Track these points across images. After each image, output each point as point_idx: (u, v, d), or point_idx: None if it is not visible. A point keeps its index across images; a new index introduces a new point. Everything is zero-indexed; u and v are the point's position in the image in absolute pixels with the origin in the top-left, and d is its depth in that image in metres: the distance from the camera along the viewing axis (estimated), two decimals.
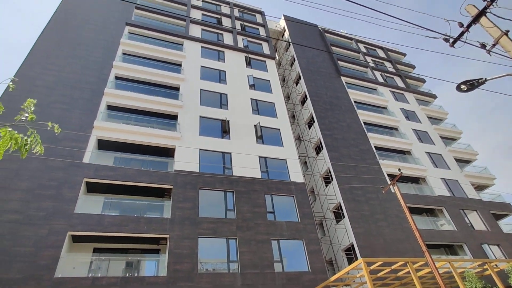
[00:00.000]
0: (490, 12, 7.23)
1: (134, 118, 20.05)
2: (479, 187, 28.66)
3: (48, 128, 3.73)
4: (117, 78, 21.65)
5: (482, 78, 6.84)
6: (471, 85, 6.87)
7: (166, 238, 15.30)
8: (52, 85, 18.83)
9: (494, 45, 7.08)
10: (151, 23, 27.18)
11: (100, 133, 17.72)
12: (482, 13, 7.33)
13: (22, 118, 3.52)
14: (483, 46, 7.26)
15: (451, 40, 7.77)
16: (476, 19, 7.43)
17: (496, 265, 16.81)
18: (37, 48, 20.41)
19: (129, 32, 25.30)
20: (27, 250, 12.58)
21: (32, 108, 3.55)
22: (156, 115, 20.68)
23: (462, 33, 7.64)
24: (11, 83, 3.73)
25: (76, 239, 14.47)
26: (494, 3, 7.09)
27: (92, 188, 16.33)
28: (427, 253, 12.04)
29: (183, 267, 14.22)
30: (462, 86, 7.10)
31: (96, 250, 15.23)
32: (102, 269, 14.59)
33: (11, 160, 14.58)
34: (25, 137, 3.44)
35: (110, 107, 19.88)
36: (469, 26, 7.53)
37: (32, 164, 15.02)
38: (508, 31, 6.93)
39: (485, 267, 15.58)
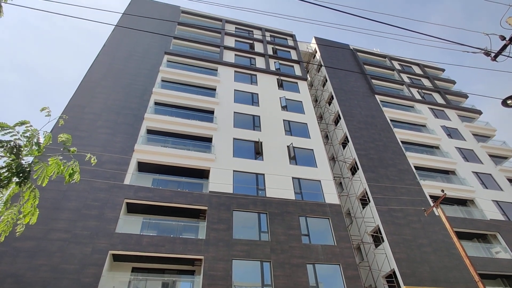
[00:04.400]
0: None
1: (171, 141, 20.97)
2: None
3: (86, 159, 4.18)
4: (156, 103, 22.98)
5: None
6: None
7: (200, 260, 15.41)
8: (99, 112, 20.40)
9: None
10: (187, 51, 28.83)
11: (140, 156, 18.69)
12: None
13: (68, 149, 3.98)
14: None
15: (493, 54, 7.42)
16: None
17: None
18: (87, 79, 22.40)
19: (167, 61, 26.99)
20: (73, 268, 13.28)
21: (70, 143, 4.03)
22: (192, 137, 21.49)
23: (505, 46, 7.28)
24: (61, 119, 4.24)
25: (116, 258, 15.05)
26: None
27: (132, 209, 17.07)
28: (481, 284, 10.96)
29: None
30: (509, 101, 6.68)
31: (134, 270, 15.67)
32: None
33: (60, 182, 15.77)
34: (68, 165, 3.91)
35: (149, 131, 21.01)
36: (511, 38, 7.17)
37: (78, 185, 16.11)
38: None
39: None
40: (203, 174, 19.74)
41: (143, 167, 19.01)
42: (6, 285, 12.20)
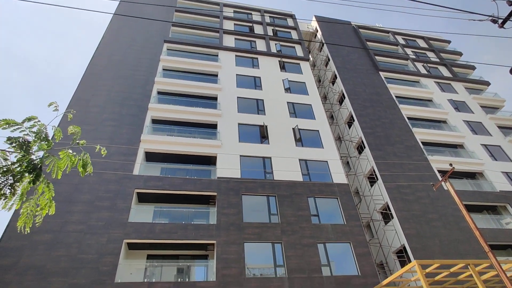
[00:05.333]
0: None
1: (177, 129, 21.06)
2: None
3: (96, 151, 4.24)
4: (159, 93, 22.95)
5: None
6: None
7: (213, 244, 15.74)
8: (103, 104, 20.48)
9: None
10: (187, 38, 28.48)
11: (146, 145, 18.85)
12: None
13: (77, 141, 4.03)
14: None
15: (500, 21, 7.19)
16: None
17: None
18: (89, 72, 22.38)
19: (167, 49, 26.74)
20: (91, 257, 13.71)
21: (80, 135, 4.08)
22: (197, 125, 21.54)
23: None
24: (70, 113, 4.28)
25: (131, 246, 15.46)
26: None
27: (143, 198, 17.38)
28: (491, 254, 11.04)
29: (231, 272, 14.51)
30: None
31: (149, 257, 16.11)
32: (156, 275, 15.39)
33: (72, 175, 16.04)
34: (80, 158, 3.97)
35: (154, 121, 21.09)
36: None
37: (89, 178, 16.39)
38: None
39: None
40: (210, 160, 19.88)
41: (151, 157, 19.20)
42: (29, 277, 12.68)
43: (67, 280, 12.86)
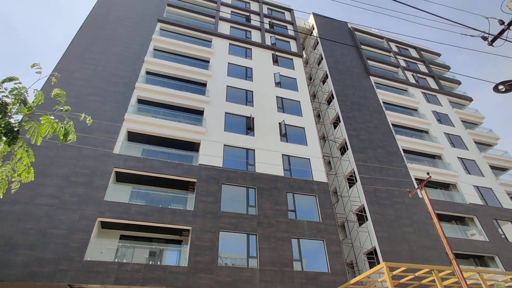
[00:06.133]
0: None
1: (162, 112, 20.70)
2: None
3: (81, 119, 4.06)
4: (148, 73, 22.42)
5: None
6: (510, 85, 6.51)
7: (188, 230, 15.71)
8: (89, 78, 19.83)
9: None
10: (181, 20, 27.83)
11: (130, 125, 18.45)
12: None
13: (60, 108, 3.85)
14: None
15: (490, 38, 7.39)
16: None
17: None
18: (76, 43, 21.54)
19: (160, 29, 26.07)
20: (61, 233, 13.39)
21: (64, 99, 3.88)
22: (184, 109, 21.22)
23: (502, 31, 7.25)
24: (54, 77, 4.07)
25: (104, 225, 15.20)
26: None
27: (121, 178, 17.06)
28: (455, 262, 11.55)
29: (203, 259, 14.55)
30: (500, 87, 6.74)
31: (122, 237, 15.92)
32: (127, 256, 15.24)
33: (48, 147, 15.54)
34: (62, 125, 3.79)
35: (140, 101, 20.63)
36: (510, 23, 7.13)
37: (67, 152, 15.92)
38: None
39: None
40: (193, 146, 19.70)
41: (133, 137, 18.82)
42: None
43: (34, 254, 12.54)
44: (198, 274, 14.01)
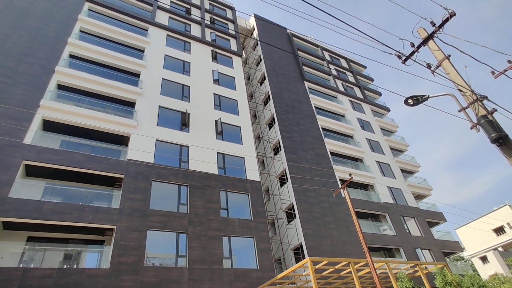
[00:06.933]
0: (437, 37, 7.90)
1: (87, 101, 18.83)
2: (418, 197, 31.20)
3: None
4: (71, 56, 20.19)
5: (425, 95, 7.45)
6: (416, 100, 7.45)
7: (112, 229, 14.61)
8: None
9: (437, 66, 7.77)
10: (114, 3, 25.69)
11: (46, 113, 16.39)
12: (430, 36, 8.00)
13: None
14: (428, 66, 7.91)
15: (403, 58, 8.35)
16: (425, 42, 8.09)
17: (425, 267, 18.41)
18: None
19: (88, 9, 23.71)
20: None
21: None
22: (112, 100, 19.63)
23: (412, 53, 8.25)
24: None
25: (7, 226, 13.26)
26: (441, 29, 7.76)
27: (33, 172, 15.06)
28: (368, 254, 12.83)
29: (128, 259, 13.68)
30: (409, 101, 7.67)
31: (30, 239, 14.08)
32: (36, 260, 13.51)
33: None
34: None
35: (60, 87, 18.48)
36: (419, 47, 8.16)
37: None
38: (449, 55, 7.64)
39: (416, 268, 16.98)
40: (122, 140, 18.37)
41: (50, 126, 16.75)
42: None
43: None
44: (121, 276, 13.12)
